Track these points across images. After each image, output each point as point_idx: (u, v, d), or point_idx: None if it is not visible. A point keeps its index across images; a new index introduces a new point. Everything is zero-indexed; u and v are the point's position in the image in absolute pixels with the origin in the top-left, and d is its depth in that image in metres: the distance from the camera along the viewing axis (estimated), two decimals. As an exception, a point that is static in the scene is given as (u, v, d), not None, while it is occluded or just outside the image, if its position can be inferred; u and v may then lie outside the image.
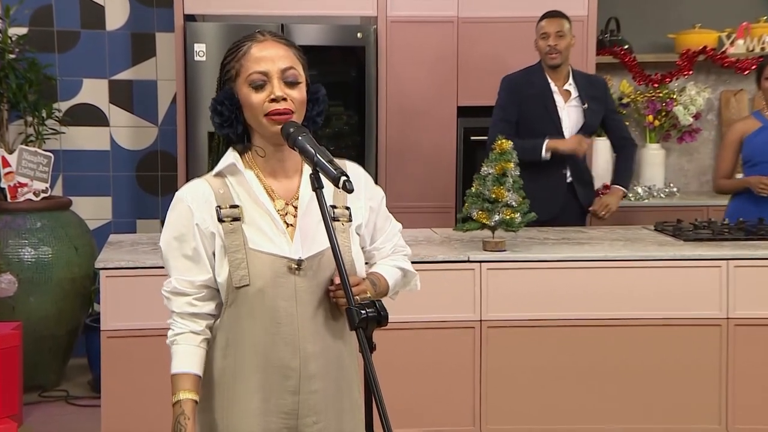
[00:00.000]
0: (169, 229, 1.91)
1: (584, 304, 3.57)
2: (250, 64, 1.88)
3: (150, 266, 3.37)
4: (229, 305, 1.86)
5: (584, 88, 4.36)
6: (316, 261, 1.88)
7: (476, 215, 3.53)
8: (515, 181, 3.52)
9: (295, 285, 1.86)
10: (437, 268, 3.52)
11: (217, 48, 4.74)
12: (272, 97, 1.87)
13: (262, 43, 1.90)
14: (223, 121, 1.89)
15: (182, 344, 1.87)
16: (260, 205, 1.89)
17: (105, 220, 5.44)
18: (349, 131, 5.04)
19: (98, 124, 5.40)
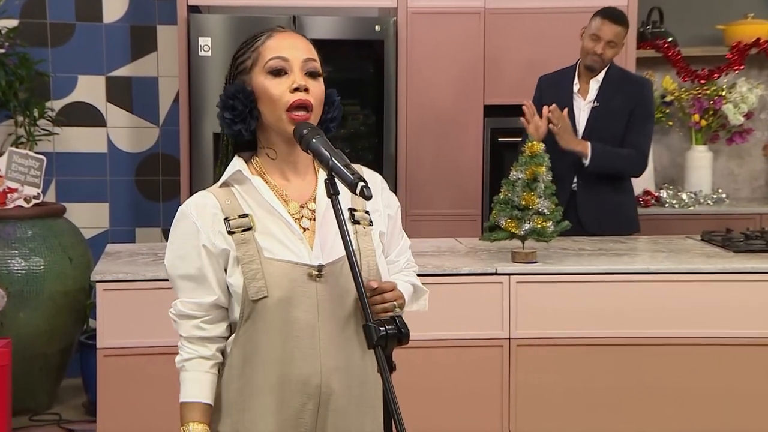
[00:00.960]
0: (172, 248, 1.92)
1: (623, 321, 3.56)
2: (269, 50, 1.91)
3: (151, 279, 3.39)
4: (245, 320, 1.87)
5: (612, 86, 4.31)
6: (338, 267, 1.90)
7: (505, 224, 3.53)
8: (547, 187, 3.53)
9: (316, 293, 1.88)
10: (462, 281, 3.53)
11: (224, 42, 4.77)
12: (294, 86, 1.89)
13: (282, 33, 1.94)
14: (235, 116, 1.90)
15: (191, 371, 1.89)
16: (272, 212, 1.91)
17: (102, 228, 5.48)
18: (366, 132, 5.06)
19: (94, 125, 5.45)
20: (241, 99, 1.90)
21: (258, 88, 1.90)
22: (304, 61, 1.90)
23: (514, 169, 3.57)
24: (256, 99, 1.90)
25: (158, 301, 3.33)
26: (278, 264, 1.86)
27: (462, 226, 4.98)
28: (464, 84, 5.06)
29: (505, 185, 3.58)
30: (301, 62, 1.90)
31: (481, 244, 3.93)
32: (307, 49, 1.93)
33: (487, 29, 5.03)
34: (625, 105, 4.29)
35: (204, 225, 1.88)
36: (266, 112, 1.90)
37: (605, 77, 4.31)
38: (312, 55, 1.93)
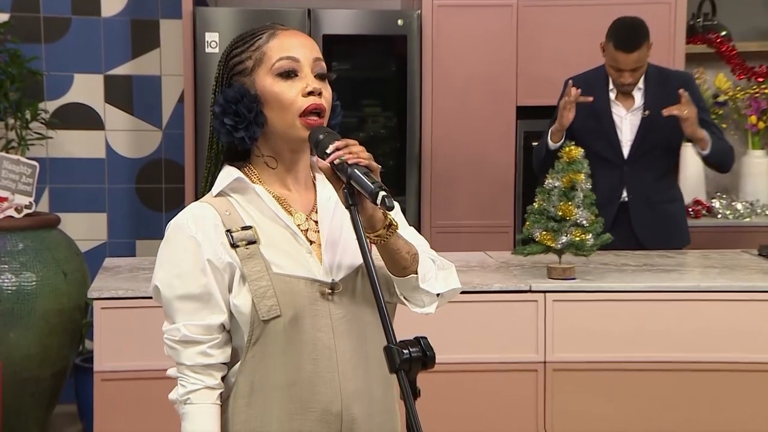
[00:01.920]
0: (166, 268, 1.87)
1: (670, 343, 3.55)
2: (275, 50, 1.89)
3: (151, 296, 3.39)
4: (253, 343, 1.86)
5: (656, 90, 4.31)
6: (351, 282, 1.91)
7: (540, 236, 3.53)
8: (586, 196, 3.53)
9: (329, 312, 1.88)
10: (493, 299, 3.53)
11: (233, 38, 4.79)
12: (309, 89, 1.87)
13: (287, 32, 1.93)
14: (238, 123, 1.89)
15: (198, 404, 1.87)
16: (277, 223, 1.90)
17: (99, 240, 5.51)
18: (387, 136, 5.07)
19: (92, 128, 5.48)
20: (245, 104, 1.89)
21: (265, 92, 1.89)
22: (314, 62, 1.91)
23: (549, 177, 3.56)
24: (262, 103, 1.90)
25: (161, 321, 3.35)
26: (289, 280, 1.86)
27: (492, 239, 4.97)
28: (495, 83, 5.06)
29: (540, 194, 3.58)
30: (312, 63, 1.90)
31: (514, 258, 3.93)
32: (314, 48, 1.93)
33: (520, 23, 5.03)
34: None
35: (205, 238, 1.85)
36: (275, 117, 1.90)
37: (645, 81, 4.31)
38: (319, 54, 1.93)
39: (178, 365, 1.90)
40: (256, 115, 1.89)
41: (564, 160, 3.56)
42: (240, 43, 1.94)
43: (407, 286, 1.93)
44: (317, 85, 1.89)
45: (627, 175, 4.27)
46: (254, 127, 1.89)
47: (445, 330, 3.36)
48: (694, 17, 5.64)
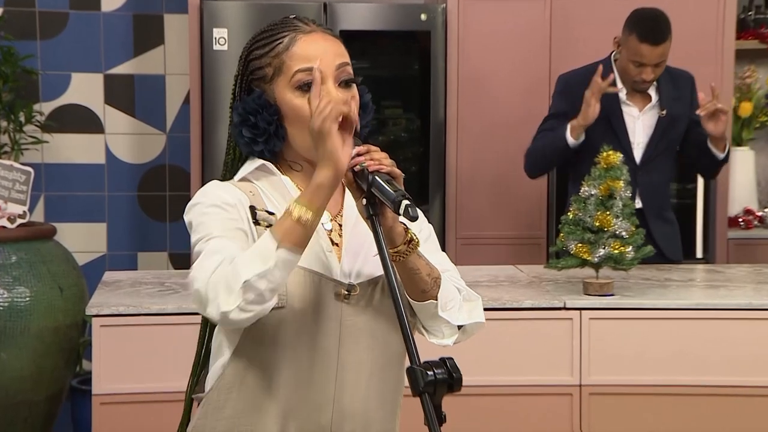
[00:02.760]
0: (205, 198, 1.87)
1: (718, 366, 3.54)
2: (295, 61, 1.91)
3: (156, 313, 3.42)
4: (249, 329, 1.86)
5: (667, 88, 4.29)
6: (369, 290, 1.93)
7: (575, 249, 3.53)
8: (626, 205, 3.52)
9: (340, 317, 1.90)
10: (524, 317, 3.53)
11: (243, 34, 4.81)
12: None
13: (309, 35, 1.93)
14: (257, 135, 1.92)
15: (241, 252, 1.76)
16: None
17: (98, 253, 5.53)
18: (409, 140, 5.07)
19: (90, 131, 5.51)
20: (264, 116, 1.91)
21: (284, 106, 1.91)
22: (338, 69, 1.91)
23: (585, 184, 3.56)
24: (282, 116, 1.92)
25: (165, 340, 3.36)
26: (304, 273, 1.87)
27: (523, 252, 4.96)
28: (527, 82, 5.06)
29: (575, 203, 3.57)
30: (335, 71, 1.91)
31: (547, 272, 3.92)
32: (338, 52, 1.93)
33: (554, 17, 5.03)
34: (683, 106, 4.30)
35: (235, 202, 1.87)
36: (295, 133, 1.92)
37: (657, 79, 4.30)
38: (345, 58, 1.94)
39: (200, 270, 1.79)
40: (276, 129, 1.92)
41: (601, 166, 3.55)
42: (260, 44, 1.95)
43: (425, 312, 1.95)
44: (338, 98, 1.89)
45: (640, 181, 4.22)
46: (274, 141, 1.93)
47: (473, 350, 3.33)
48: (745, 10, 5.62)
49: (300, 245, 1.76)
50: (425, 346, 1.85)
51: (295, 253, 1.75)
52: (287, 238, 1.74)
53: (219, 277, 1.74)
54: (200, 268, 1.78)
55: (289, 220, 1.75)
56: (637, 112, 4.29)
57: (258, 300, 1.73)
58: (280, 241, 1.73)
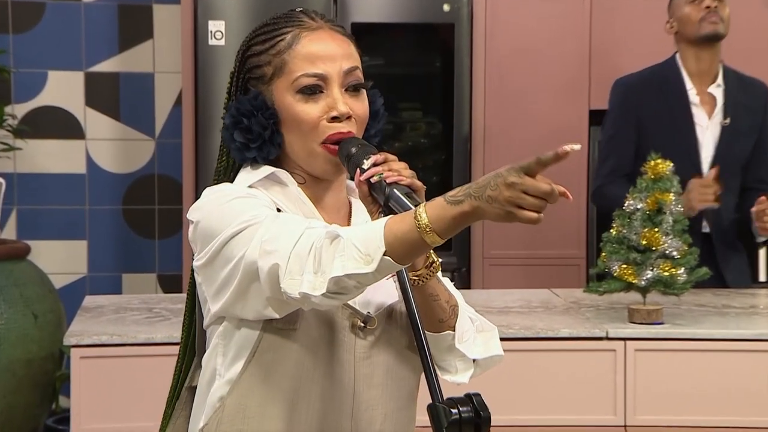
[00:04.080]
0: (221, 193, 1.86)
1: (782, 404, 3.53)
2: (298, 61, 1.91)
3: (143, 342, 3.42)
4: (254, 357, 1.87)
5: (736, 94, 4.28)
6: (383, 320, 1.93)
7: (618, 270, 3.52)
8: (677, 221, 3.51)
9: (354, 349, 1.91)
10: (560, 347, 3.52)
11: (242, 27, 4.81)
12: (333, 114, 1.90)
13: (315, 32, 1.93)
14: (249, 140, 1.92)
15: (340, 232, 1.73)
16: None
17: (77, 274, 5.54)
18: (430, 146, 5.07)
19: (69, 136, 5.52)
20: (259, 119, 1.92)
21: (283, 109, 1.92)
22: (346, 74, 1.92)
23: (630, 197, 3.56)
24: (280, 121, 1.93)
25: (154, 373, 3.35)
26: None
27: (559, 273, 4.96)
28: (564, 83, 5.06)
29: (619, 218, 3.56)
30: (342, 76, 1.92)
31: (586, 297, 3.91)
32: (347, 53, 1.94)
33: (594, 11, 5.03)
34: (752, 121, 4.28)
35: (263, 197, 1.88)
36: (293, 141, 1.93)
37: (725, 79, 4.28)
38: (354, 62, 1.94)
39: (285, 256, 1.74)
40: (272, 134, 1.92)
41: (648, 176, 3.54)
42: (260, 38, 1.96)
43: (441, 344, 1.95)
44: (344, 108, 1.90)
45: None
46: (269, 147, 1.93)
47: (503, 385, 3.35)
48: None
49: (409, 261, 1.72)
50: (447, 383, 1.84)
51: (400, 265, 1.70)
52: (401, 249, 1.68)
53: (302, 251, 1.71)
54: (273, 238, 1.74)
55: (413, 234, 1.67)
56: (706, 119, 4.27)
57: (343, 292, 1.70)
58: (391, 247, 1.67)
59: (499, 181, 1.64)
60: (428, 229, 1.65)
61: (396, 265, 1.68)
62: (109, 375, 3.43)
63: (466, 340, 1.96)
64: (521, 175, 1.64)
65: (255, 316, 1.83)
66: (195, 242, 1.88)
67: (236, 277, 1.79)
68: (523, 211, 1.66)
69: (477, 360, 1.98)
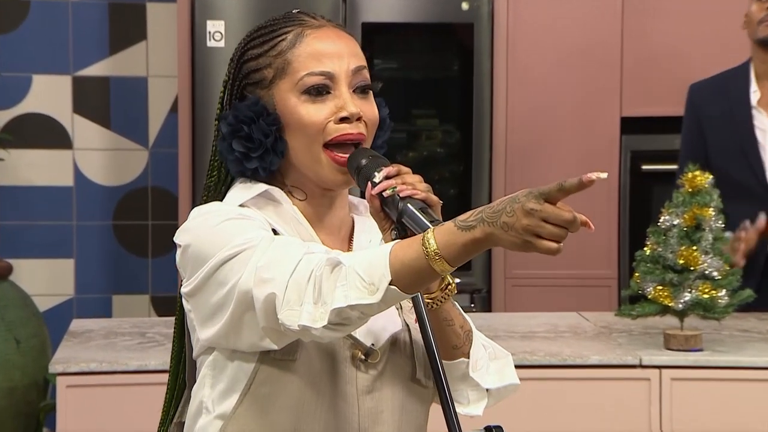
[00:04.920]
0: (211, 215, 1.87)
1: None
2: (303, 59, 1.91)
3: (135, 370, 3.42)
4: (249, 390, 1.87)
5: None
6: (386, 351, 1.94)
7: (653, 292, 3.51)
8: (717, 239, 3.50)
9: (356, 383, 1.90)
10: (590, 375, 3.52)
11: (242, 28, 4.81)
12: (343, 114, 1.90)
13: (319, 30, 1.94)
14: (250, 149, 1.92)
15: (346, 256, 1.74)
16: None
17: (64, 296, 5.54)
18: (446, 156, 5.07)
19: (56, 146, 5.52)
20: (261, 126, 1.91)
21: (287, 113, 1.92)
22: (354, 73, 1.93)
23: (666, 212, 3.55)
24: (283, 126, 1.92)
25: (146, 403, 3.34)
26: None
27: (588, 295, 4.95)
28: (593, 87, 5.05)
29: (653, 235, 3.56)
30: (350, 75, 1.92)
31: (618, 321, 3.90)
32: (354, 52, 1.95)
33: (627, 8, 5.03)
34: None
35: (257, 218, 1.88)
36: (298, 147, 1.93)
37: None
38: (361, 61, 1.95)
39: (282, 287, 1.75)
40: (275, 142, 1.92)
41: (686, 189, 3.54)
42: (258, 41, 1.96)
43: (454, 373, 1.95)
44: (354, 108, 1.90)
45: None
46: (271, 157, 1.93)
47: (526, 417, 3.35)
48: None
49: (417, 290, 1.73)
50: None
51: (407, 294, 1.70)
52: (408, 277, 1.68)
53: (301, 279, 1.71)
54: (269, 265, 1.74)
55: (421, 261, 1.67)
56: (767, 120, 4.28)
57: (346, 323, 1.71)
58: (397, 275, 1.67)
59: (516, 207, 1.63)
60: (437, 257, 1.65)
61: (402, 295, 1.68)
62: (97, 405, 3.43)
63: (479, 369, 1.97)
64: (541, 202, 1.64)
65: (250, 348, 1.83)
66: (183, 267, 1.88)
67: (229, 306, 1.79)
68: (542, 240, 1.65)
69: (490, 390, 1.99)
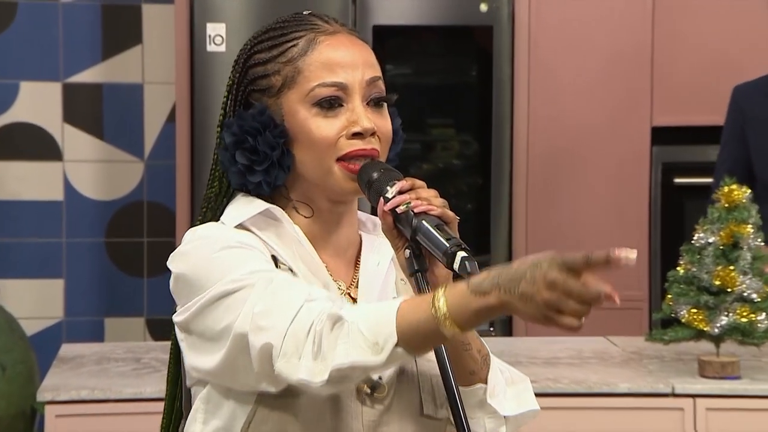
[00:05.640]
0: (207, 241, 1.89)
1: None
2: (315, 69, 1.91)
3: (130, 398, 3.42)
4: (248, 426, 1.86)
5: None
6: (393, 384, 1.93)
7: (687, 315, 3.50)
8: (757, 258, 3.50)
9: (362, 418, 1.90)
10: (618, 405, 3.52)
11: (245, 31, 4.81)
12: (356, 129, 1.90)
13: (333, 37, 1.94)
14: (254, 162, 1.92)
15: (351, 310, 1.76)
16: (317, 275, 1.93)
17: (53, 319, 5.54)
18: (464, 169, 5.07)
19: (45, 158, 5.53)
20: (267, 138, 1.91)
21: (295, 126, 1.92)
22: (368, 84, 1.92)
23: (700, 229, 3.54)
24: (291, 139, 1.92)
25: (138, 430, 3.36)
26: None
27: (617, 318, 4.93)
28: (621, 94, 5.05)
29: (687, 254, 3.56)
30: (364, 86, 1.92)
31: (649, 347, 3.90)
32: (370, 62, 1.95)
33: (658, 8, 5.03)
34: None
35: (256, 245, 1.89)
36: (307, 161, 1.92)
37: None
38: (376, 72, 1.95)
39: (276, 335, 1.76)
40: (281, 156, 1.92)
41: (722, 204, 3.53)
42: (267, 44, 1.95)
43: (471, 400, 1.94)
44: (368, 123, 1.90)
45: None
46: (277, 171, 1.93)
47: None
48: None
49: (424, 352, 1.76)
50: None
51: (413, 355, 1.73)
52: (415, 339, 1.69)
53: (300, 331, 1.72)
54: (267, 311, 1.75)
55: (429, 324, 1.67)
56: None
57: (346, 381, 1.73)
58: (403, 336, 1.68)
59: (538, 276, 1.62)
60: (446, 322, 1.66)
61: (407, 356, 1.70)
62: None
63: (497, 395, 1.96)
64: (564, 273, 1.63)
65: (245, 388, 1.84)
66: (176, 295, 1.89)
67: (223, 346, 1.79)
68: (563, 316, 1.63)
69: (508, 417, 1.98)
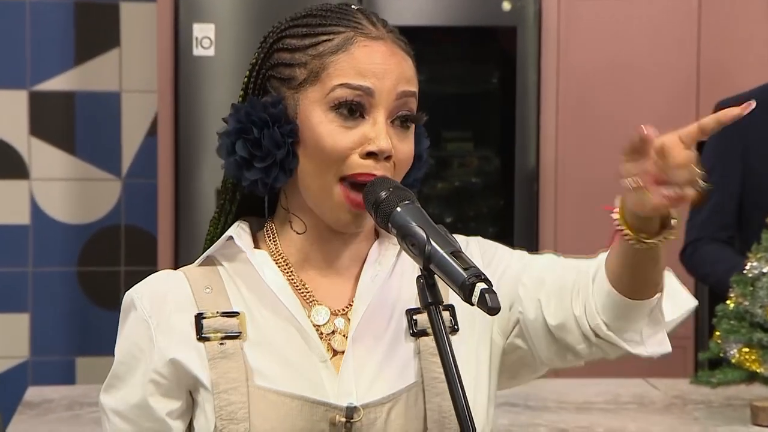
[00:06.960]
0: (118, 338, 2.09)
1: None
2: (342, 68, 1.91)
3: (104, 448, 3.42)
4: None
5: None
6: (383, 413, 1.93)
7: (738, 355, 3.50)
8: (818, 289, 3.50)
9: None
10: (661, 458, 3.52)
11: (237, 32, 4.83)
12: (371, 148, 1.90)
13: (374, 42, 1.94)
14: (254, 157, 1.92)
15: None
16: (279, 311, 1.95)
17: (17, 358, 5.55)
18: (484, 188, 5.08)
19: (9, 175, 5.55)
20: (274, 133, 1.91)
21: (307, 127, 1.92)
22: (398, 98, 1.92)
23: (753, 257, 3.54)
24: (299, 139, 1.93)
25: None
26: (278, 399, 1.90)
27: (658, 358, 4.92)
28: (662, 103, 5.06)
29: (739, 286, 3.55)
30: (393, 98, 1.92)
31: (695, 391, 3.90)
32: (407, 76, 1.95)
33: (704, 12, 5.04)
34: None
35: (162, 324, 1.96)
36: (309, 169, 1.93)
37: None
38: (411, 87, 1.95)
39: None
40: (286, 156, 1.92)
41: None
42: (300, 30, 1.96)
43: (642, 310, 1.96)
44: (385, 144, 1.89)
45: None
46: (277, 172, 1.93)
47: None
48: None
49: None
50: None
51: None
52: None
53: None
54: None
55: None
56: None
57: None
58: None
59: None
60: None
61: None
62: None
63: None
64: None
65: None
66: None
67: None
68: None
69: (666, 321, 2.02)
